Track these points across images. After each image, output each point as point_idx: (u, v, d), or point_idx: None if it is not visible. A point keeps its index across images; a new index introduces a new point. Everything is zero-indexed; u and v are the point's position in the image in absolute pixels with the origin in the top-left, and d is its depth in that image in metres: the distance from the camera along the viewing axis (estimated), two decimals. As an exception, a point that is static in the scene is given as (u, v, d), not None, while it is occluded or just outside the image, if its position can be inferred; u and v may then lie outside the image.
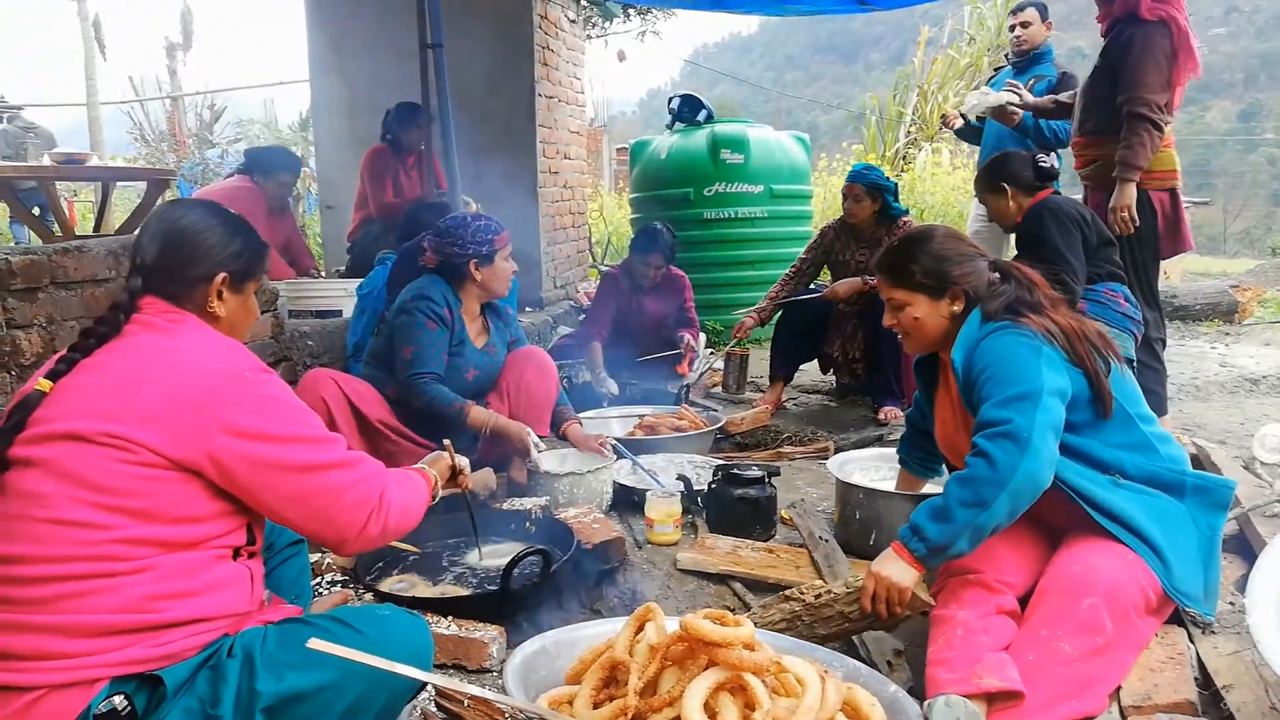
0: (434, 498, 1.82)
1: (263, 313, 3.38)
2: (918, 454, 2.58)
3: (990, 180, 3.53)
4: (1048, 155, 3.51)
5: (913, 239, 2.22)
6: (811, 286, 4.69)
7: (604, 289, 5.02)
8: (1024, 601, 1.97)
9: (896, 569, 1.89)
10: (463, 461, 2.00)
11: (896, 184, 4.54)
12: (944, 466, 2.55)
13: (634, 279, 4.87)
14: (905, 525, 1.94)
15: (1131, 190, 3.49)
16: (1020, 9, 4.93)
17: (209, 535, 1.46)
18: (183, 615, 1.41)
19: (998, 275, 2.15)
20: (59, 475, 1.37)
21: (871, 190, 4.37)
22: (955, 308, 2.14)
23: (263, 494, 1.49)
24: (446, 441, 2.04)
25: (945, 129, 5.09)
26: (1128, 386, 2.09)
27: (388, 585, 2.36)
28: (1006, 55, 5.08)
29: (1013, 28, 4.95)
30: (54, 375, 1.47)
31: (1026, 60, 4.84)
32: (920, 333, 2.19)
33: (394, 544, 2.42)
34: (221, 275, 1.61)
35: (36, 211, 4.99)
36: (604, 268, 7.47)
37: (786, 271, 4.74)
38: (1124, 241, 3.53)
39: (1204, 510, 2.01)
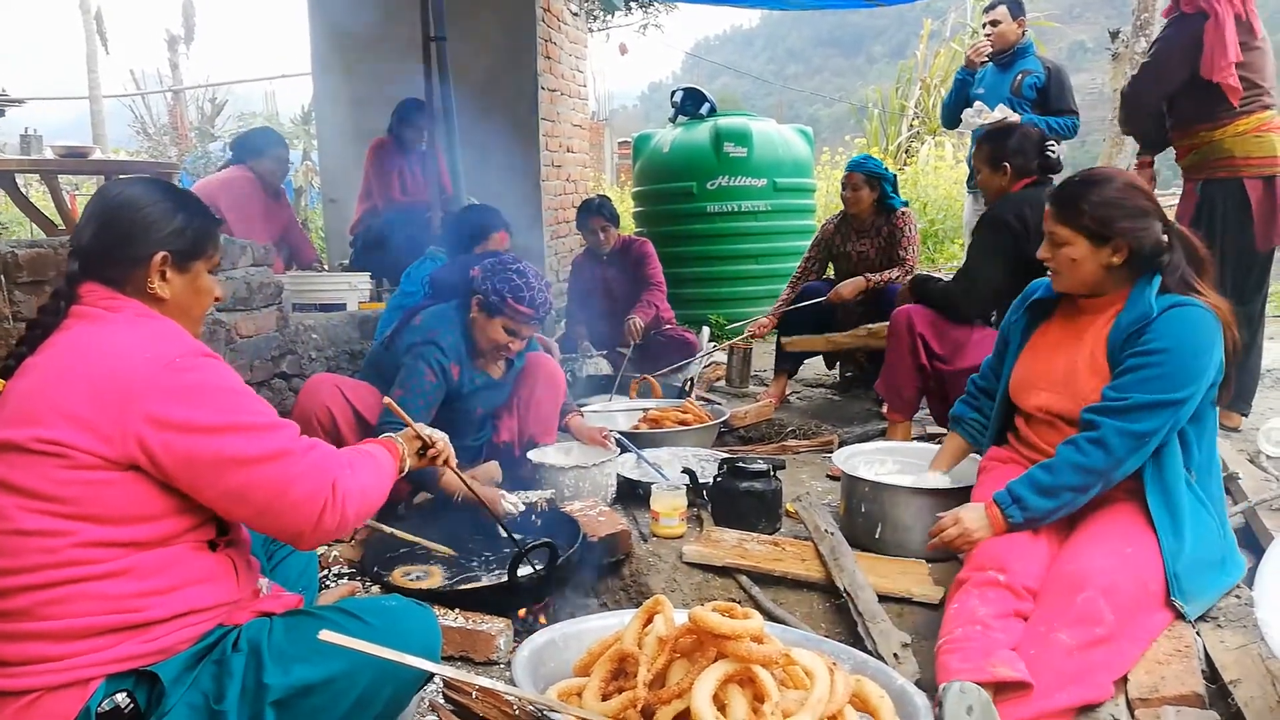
0: (401, 471, 1.71)
1: (266, 306, 3.38)
2: (976, 418, 2.56)
3: (994, 153, 3.34)
4: (1058, 143, 3.42)
5: (1091, 179, 2.17)
6: (815, 285, 4.66)
7: (572, 277, 5.21)
8: None
9: (980, 523, 2.10)
10: (434, 434, 1.81)
11: (895, 175, 4.53)
12: (988, 436, 2.52)
13: (593, 254, 5.05)
14: (1003, 491, 2.09)
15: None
16: (991, 7, 4.90)
17: (176, 531, 1.42)
18: (168, 611, 1.40)
19: (1167, 239, 2.10)
20: (6, 489, 1.34)
21: (870, 179, 4.37)
22: (1115, 260, 2.10)
23: (203, 491, 1.41)
24: (388, 400, 1.86)
25: (970, 68, 4.97)
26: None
27: (396, 577, 2.37)
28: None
29: (984, 25, 4.93)
30: (5, 373, 1.44)
31: (1010, 56, 4.82)
32: (1072, 275, 2.16)
33: (425, 544, 2.42)
34: (161, 255, 1.50)
35: None
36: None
37: (794, 272, 4.74)
38: (1211, 231, 3.44)
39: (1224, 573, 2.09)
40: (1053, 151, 3.32)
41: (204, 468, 1.38)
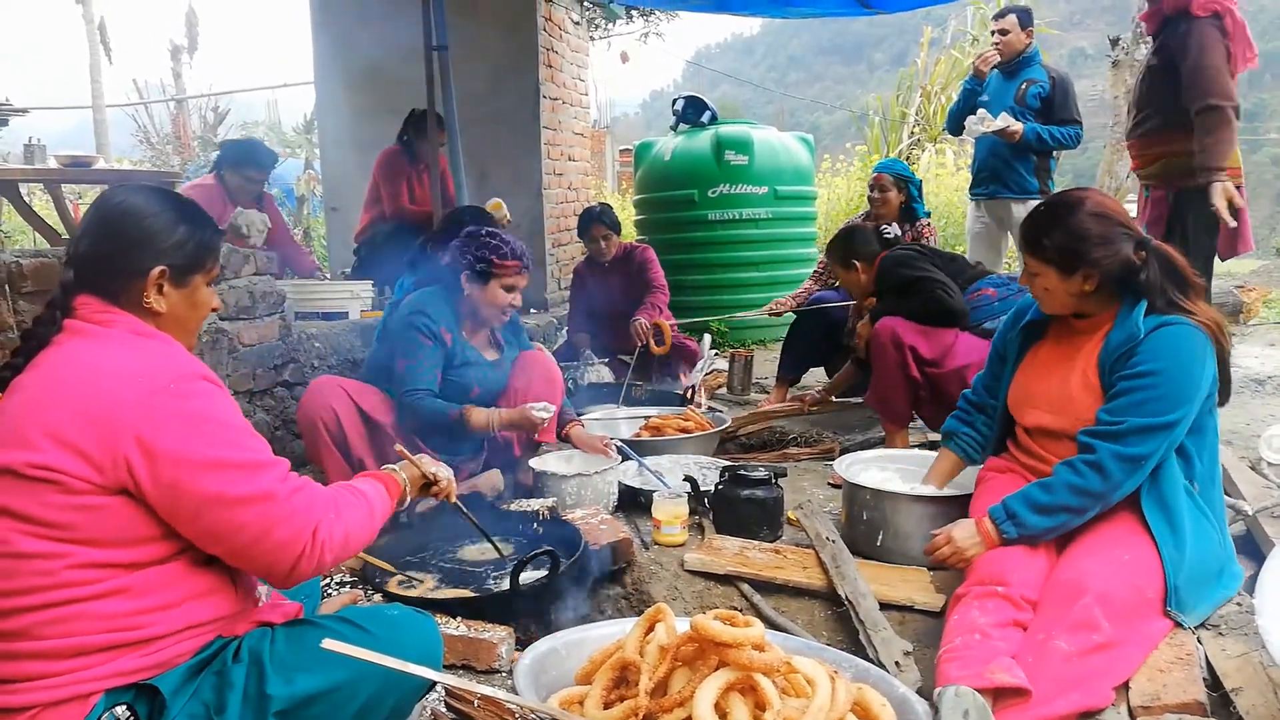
0: (401, 504, 1.69)
1: (269, 315, 3.39)
2: (969, 433, 2.55)
3: (843, 258, 3.67)
4: (890, 226, 3.90)
5: (1056, 209, 2.16)
6: (827, 295, 4.63)
7: (574, 285, 5.22)
8: None
9: (972, 540, 2.11)
10: (439, 471, 1.82)
11: (921, 181, 4.56)
12: (982, 452, 2.54)
13: (594, 262, 5.06)
14: (998, 506, 2.10)
15: (1221, 189, 3.34)
16: (1001, 16, 4.94)
17: (172, 550, 1.40)
18: (167, 628, 1.39)
19: (1142, 256, 2.08)
20: (3, 513, 1.32)
21: (899, 181, 4.43)
22: (1086, 287, 2.11)
23: (181, 525, 1.38)
24: (399, 448, 1.87)
25: (979, 76, 4.99)
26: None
27: (396, 585, 2.37)
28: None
29: (993, 33, 4.96)
30: (2, 384, 1.41)
31: (1015, 65, 4.83)
32: (1050, 301, 2.19)
33: (370, 560, 2.38)
34: (159, 269, 1.46)
35: None
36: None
37: (816, 267, 4.78)
38: (1185, 241, 3.40)
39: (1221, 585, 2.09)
40: (888, 233, 3.82)
41: (185, 502, 1.35)
